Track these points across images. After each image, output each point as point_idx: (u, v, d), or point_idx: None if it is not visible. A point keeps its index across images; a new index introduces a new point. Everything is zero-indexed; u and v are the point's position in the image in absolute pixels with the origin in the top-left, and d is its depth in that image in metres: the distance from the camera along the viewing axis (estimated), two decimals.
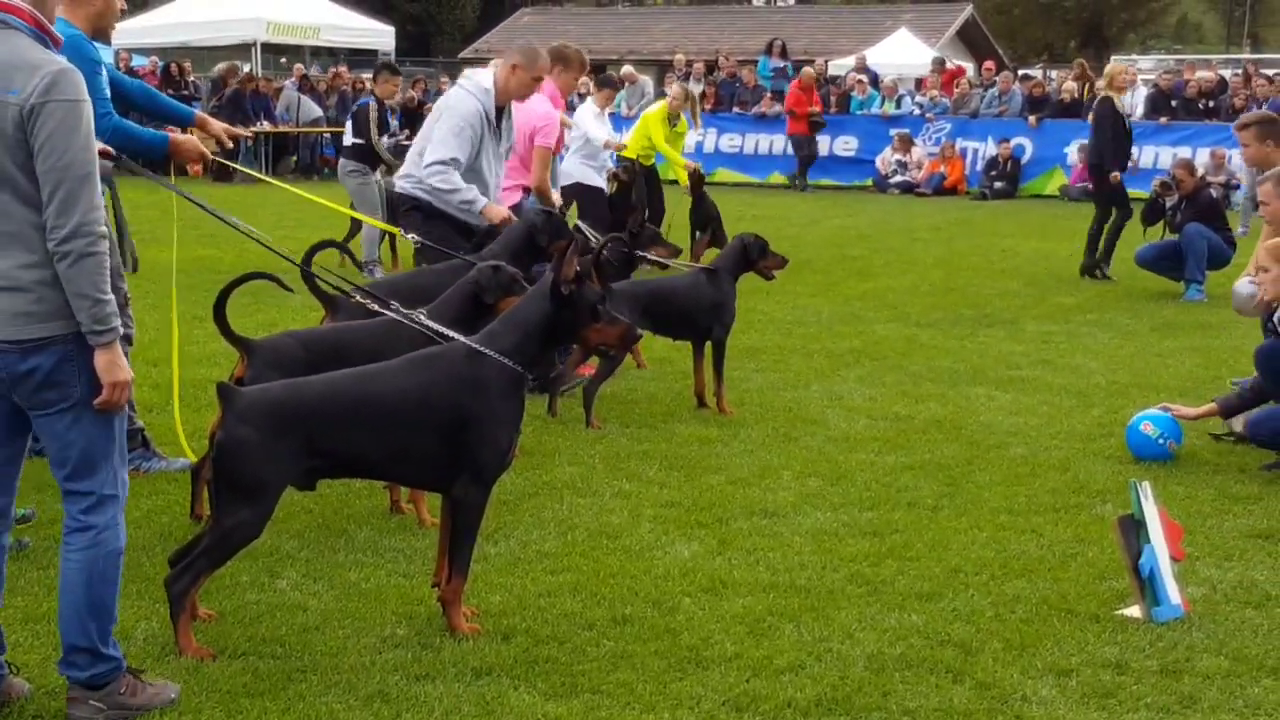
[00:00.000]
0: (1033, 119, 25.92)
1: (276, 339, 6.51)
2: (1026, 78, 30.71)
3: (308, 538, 6.24)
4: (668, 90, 18.21)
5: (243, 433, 4.80)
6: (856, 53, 32.93)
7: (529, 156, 9.72)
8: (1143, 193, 18.36)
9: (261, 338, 6.54)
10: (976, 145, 26.50)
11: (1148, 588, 5.41)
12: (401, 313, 6.05)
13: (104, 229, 4.10)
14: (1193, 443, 7.87)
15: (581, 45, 15.54)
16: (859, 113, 27.69)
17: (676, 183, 16.09)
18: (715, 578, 5.80)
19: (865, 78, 28.60)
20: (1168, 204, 14.18)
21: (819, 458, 7.70)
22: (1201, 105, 25.52)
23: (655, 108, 15.57)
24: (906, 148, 26.56)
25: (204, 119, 7.32)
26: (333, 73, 32.57)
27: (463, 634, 5.10)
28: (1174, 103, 25.55)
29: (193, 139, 6.84)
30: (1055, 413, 8.82)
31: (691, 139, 26.99)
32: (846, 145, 27.27)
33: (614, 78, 16.30)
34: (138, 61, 31.13)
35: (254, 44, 31.22)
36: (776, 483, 7.22)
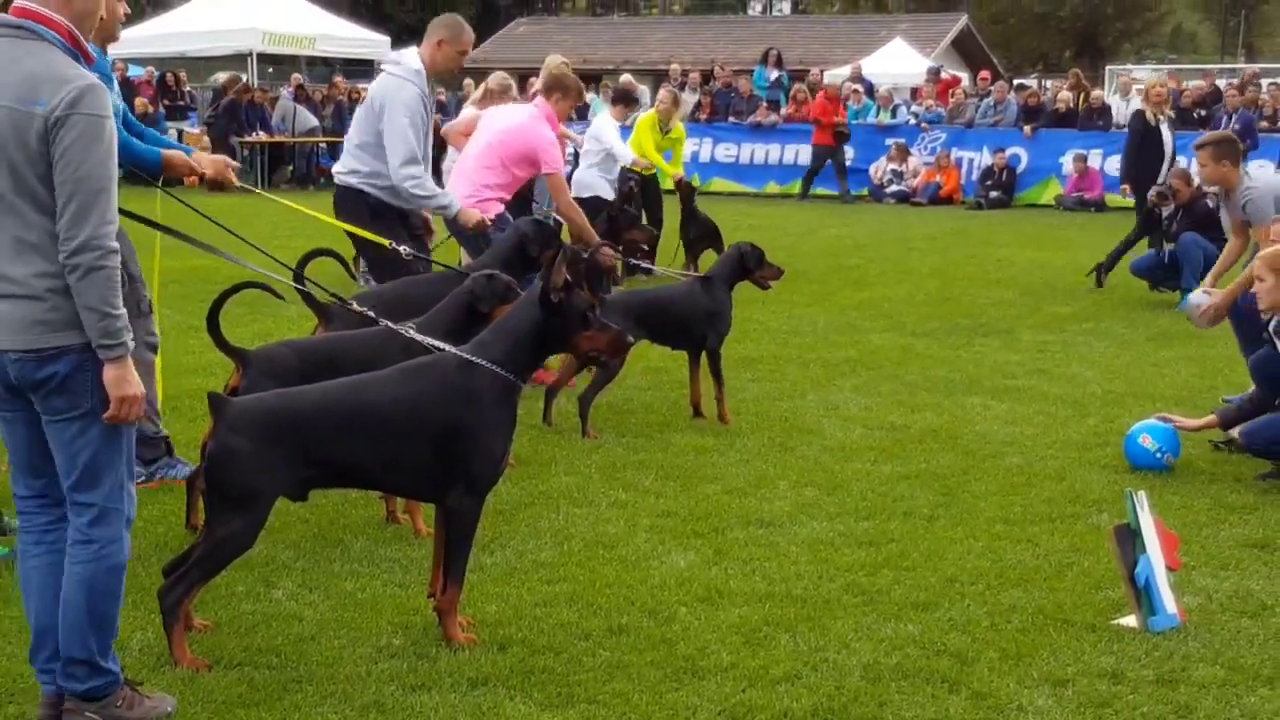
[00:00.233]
0: (1028, 129, 25.93)
1: (271, 348, 6.51)
2: (1022, 87, 30.74)
3: (303, 547, 6.24)
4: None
5: (234, 442, 4.80)
6: (852, 62, 32.92)
7: (513, 167, 9.61)
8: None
9: (256, 347, 6.55)
10: (972, 155, 26.51)
11: (1144, 597, 5.41)
12: (391, 324, 6.04)
13: (115, 244, 4.10)
14: (1189, 452, 7.87)
15: (576, 55, 15.67)
16: (854, 122, 27.67)
17: (672, 192, 16.08)
18: (711, 587, 5.80)
19: (861, 87, 28.59)
20: (1164, 214, 14.18)
21: (815, 467, 7.70)
22: (1196, 115, 25.52)
23: (645, 115, 15.58)
24: (903, 158, 26.58)
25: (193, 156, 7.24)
26: (329, 83, 32.62)
27: (458, 644, 5.10)
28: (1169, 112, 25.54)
29: (182, 156, 6.82)
30: (1051, 422, 8.82)
31: (687, 148, 27.01)
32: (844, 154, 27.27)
33: (632, 92, 16.29)
34: (134, 71, 31.11)
35: (250, 54, 31.21)
36: (772, 492, 7.22)
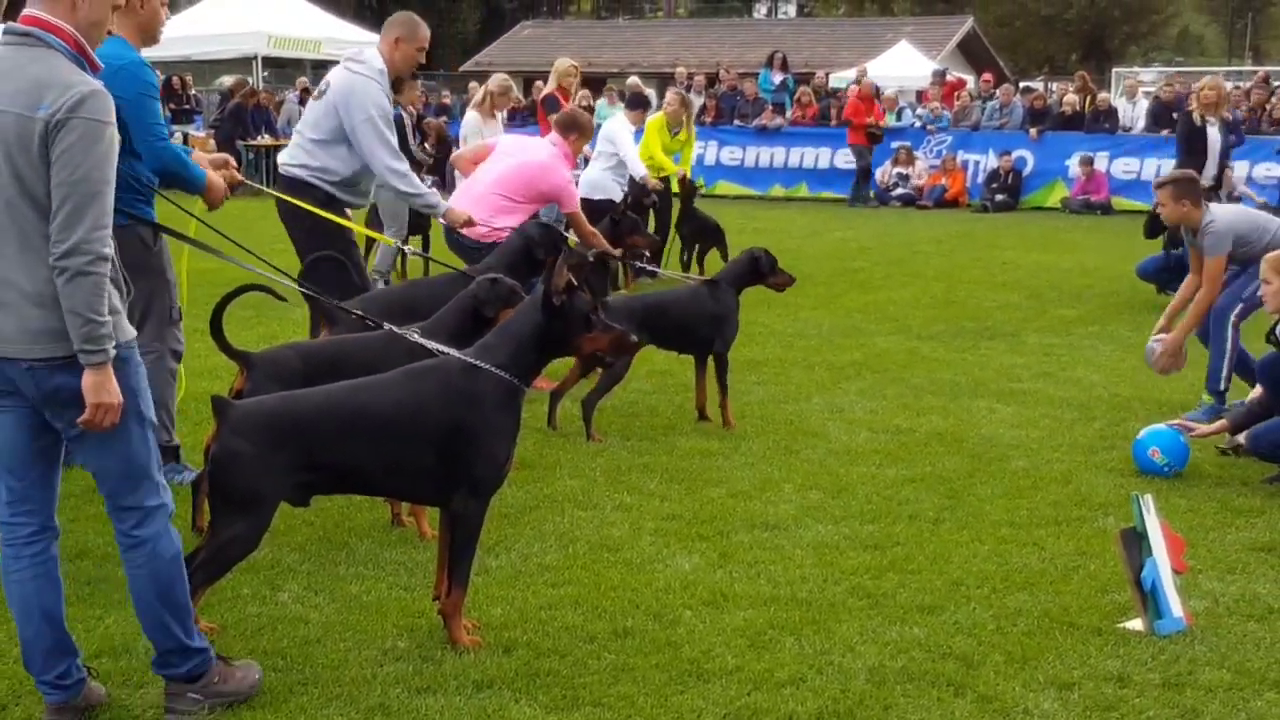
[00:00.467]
0: (1034, 131, 25.89)
1: (275, 351, 6.52)
2: (1028, 90, 30.69)
3: (309, 551, 6.24)
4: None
5: (237, 445, 4.80)
6: (857, 65, 32.92)
7: (530, 203, 9.67)
8: (1145, 205, 18.44)
9: (260, 350, 6.55)
10: (978, 158, 26.46)
11: (1150, 601, 5.40)
12: (395, 328, 6.04)
13: (107, 250, 4.10)
14: (1195, 456, 7.84)
15: (581, 58, 15.64)
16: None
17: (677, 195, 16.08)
18: (716, 591, 5.79)
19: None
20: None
21: (820, 471, 7.69)
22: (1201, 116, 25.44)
23: (654, 118, 15.58)
24: (909, 161, 26.56)
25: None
26: None
27: (464, 647, 5.10)
28: (1175, 115, 25.49)
29: (222, 184, 6.87)
30: (1057, 425, 8.81)
31: (692, 150, 26.95)
32: (848, 158, 27.23)
33: (644, 97, 16.33)
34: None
35: (255, 57, 31.25)
36: (778, 496, 7.21)
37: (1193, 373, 10.32)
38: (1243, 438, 7.85)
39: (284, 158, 8.47)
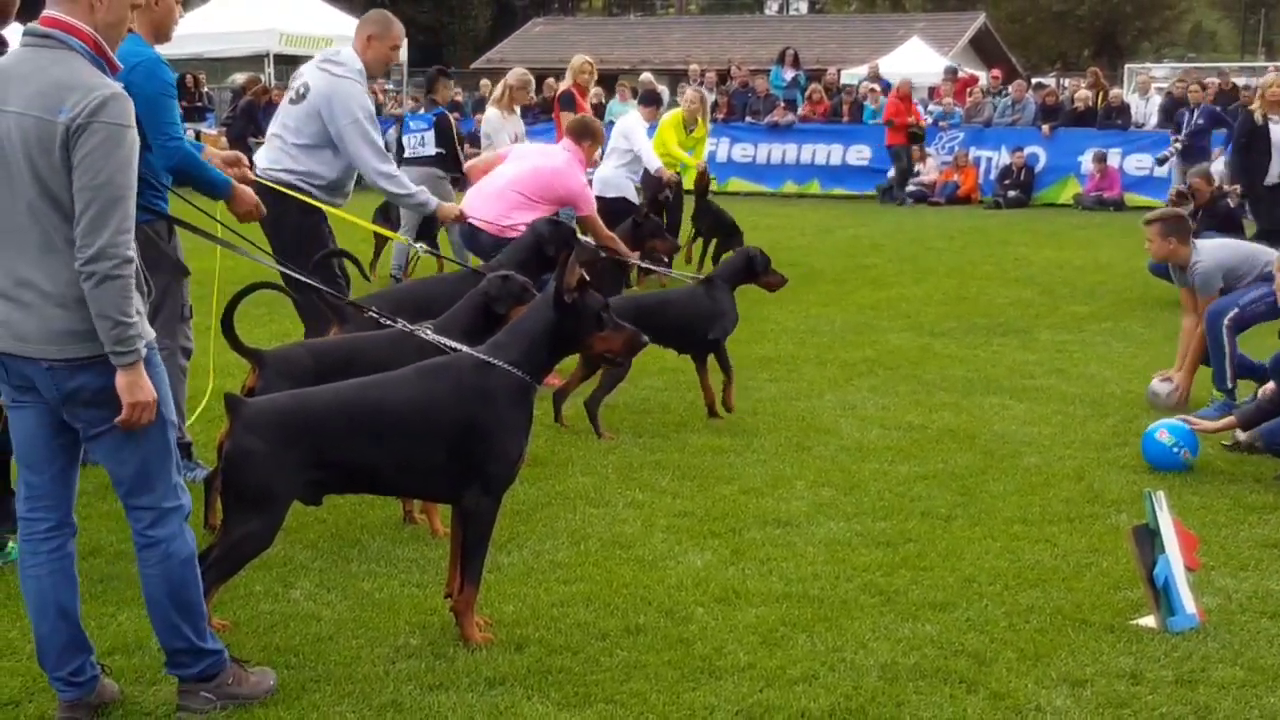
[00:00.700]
0: (1046, 128, 25.83)
1: (287, 349, 6.53)
2: (1040, 86, 30.62)
3: (321, 548, 6.25)
4: (679, 99, 18.20)
5: (250, 443, 4.80)
6: (869, 62, 32.88)
7: (546, 204, 9.59)
8: (1158, 201, 18.40)
9: (272, 348, 6.56)
10: (990, 154, 26.40)
11: (1163, 598, 5.39)
12: (406, 325, 6.04)
13: (131, 253, 4.12)
14: (1207, 452, 7.84)
15: (593, 55, 15.61)
16: (872, 122, 27.63)
17: (690, 191, 16.07)
18: (728, 588, 5.79)
19: (878, 87, 28.55)
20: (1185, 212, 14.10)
21: (832, 467, 7.69)
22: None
23: (669, 114, 15.57)
24: (920, 158, 26.50)
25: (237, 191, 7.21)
26: None
27: (476, 644, 5.10)
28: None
29: (252, 195, 6.85)
30: (1069, 422, 8.80)
31: (705, 147, 26.88)
32: (860, 154, 27.22)
33: (658, 94, 16.34)
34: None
35: (267, 55, 31.27)
36: (790, 492, 7.21)
37: (1206, 370, 10.32)
38: (1244, 434, 7.85)
39: (264, 162, 8.21)
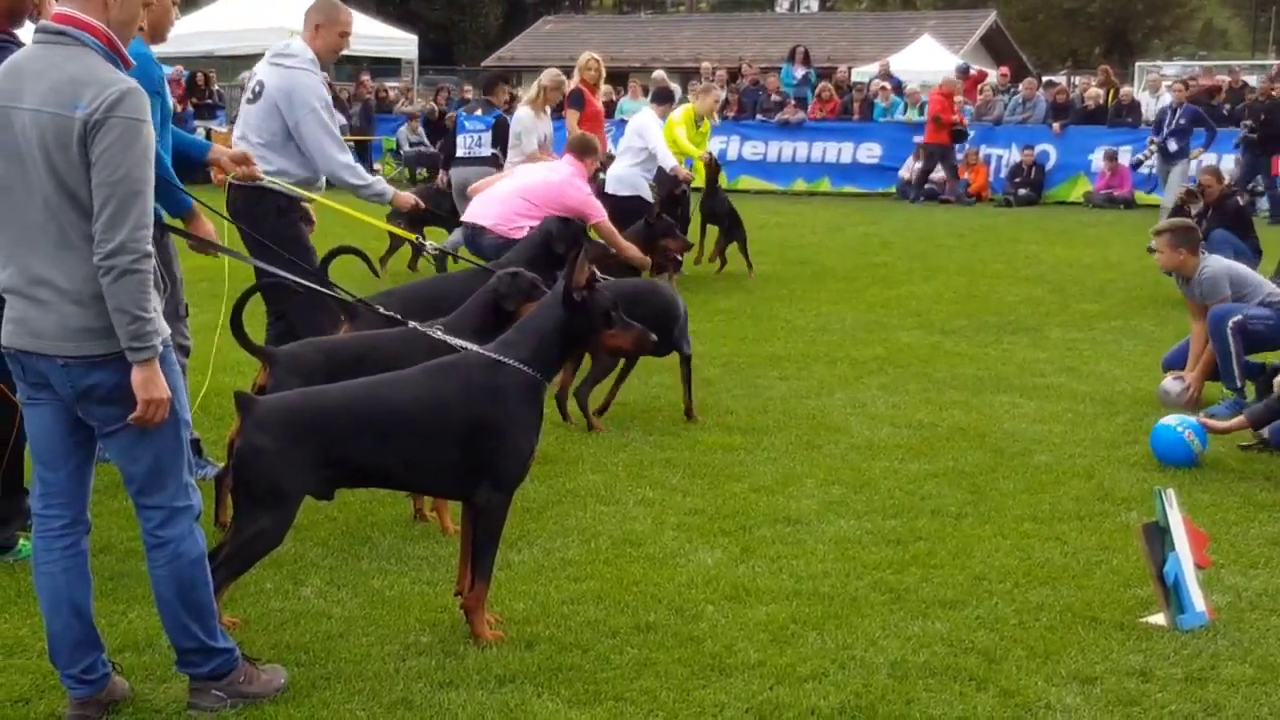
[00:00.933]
0: (1057, 126, 25.80)
1: (298, 347, 6.52)
2: (1051, 84, 30.58)
3: (331, 545, 6.26)
4: (690, 97, 18.19)
5: (260, 441, 4.81)
6: (880, 60, 32.86)
7: (547, 207, 9.54)
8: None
9: (283, 346, 6.57)
10: (1000, 152, 26.36)
11: (1172, 595, 5.39)
12: (414, 324, 6.03)
13: (150, 248, 4.13)
14: (1218, 450, 7.84)
15: (604, 53, 15.64)
16: (882, 120, 27.61)
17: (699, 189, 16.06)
18: (738, 585, 5.80)
19: (889, 85, 28.52)
20: (1193, 212, 14.11)
21: (842, 465, 7.69)
22: (1225, 111, 25.35)
23: (680, 111, 15.55)
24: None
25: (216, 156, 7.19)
26: (356, 82, 32.76)
27: (486, 641, 5.11)
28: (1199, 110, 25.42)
29: (210, 228, 6.71)
30: (1079, 420, 8.79)
31: (715, 145, 26.88)
32: (870, 152, 27.20)
33: (670, 91, 16.37)
34: (163, 70, 31.22)
35: None
36: (800, 490, 7.22)
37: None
38: (1267, 433, 7.84)
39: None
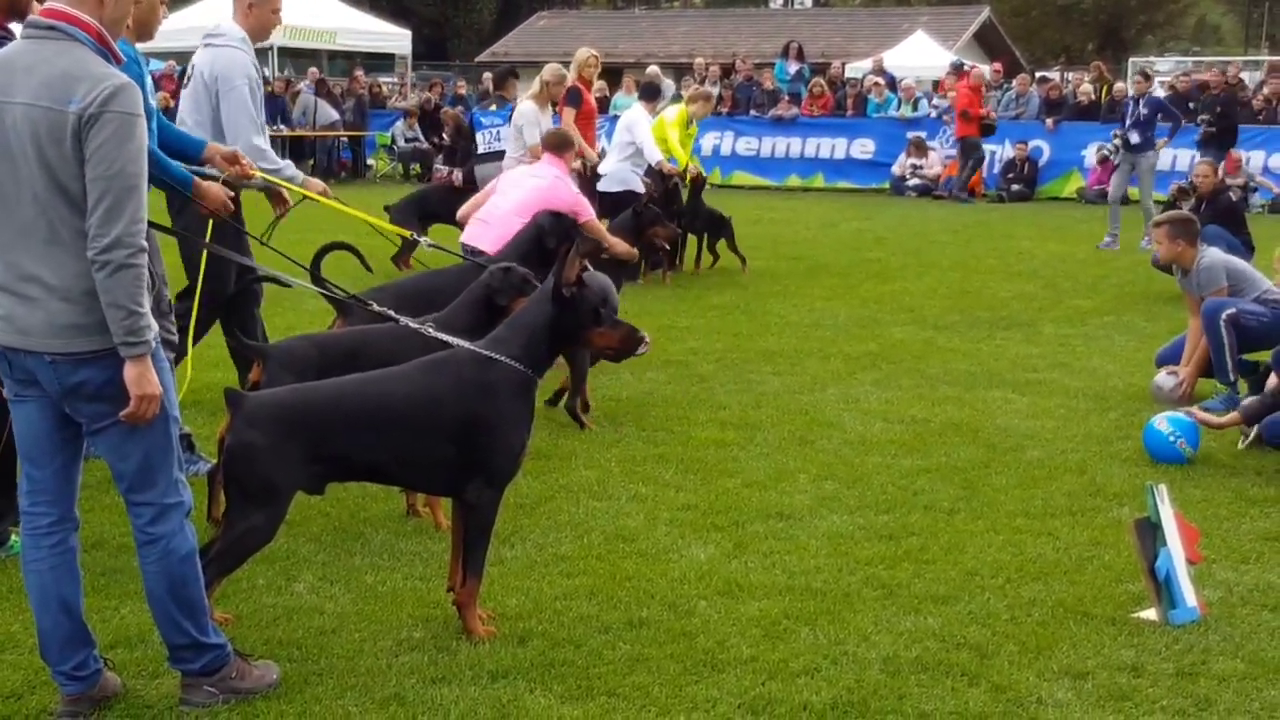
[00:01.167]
0: (1050, 121, 25.84)
1: (291, 342, 6.53)
2: (1044, 80, 30.61)
3: (324, 541, 6.26)
4: (683, 93, 18.19)
5: (250, 437, 4.81)
6: (873, 55, 32.85)
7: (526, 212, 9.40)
8: (1160, 195, 18.34)
9: (276, 341, 6.56)
10: (994, 148, 26.38)
11: (1164, 591, 5.40)
12: (405, 319, 6.02)
13: (144, 243, 4.12)
14: (1209, 445, 7.85)
15: (598, 48, 15.59)
16: (876, 115, 27.62)
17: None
18: (731, 581, 5.80)
19: (882, 80, 28.53)
20: (1186, 208, 14.11)
21: (835, 461, 7.70)
22: (1216, 108, 25.34)
23: (674, 113, 15.52)
24: (922, 153, 26.46)
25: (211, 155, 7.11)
26: (350, 77, 32.77)
27: (479, 637, 5.11)
28: (1191, 105, 25.44)
29: (218, 190, 6.65)
30: (1072, 416, 8.80)
31: (709, 142, 26.85)
32: (864, 148, 27.22)
33: (657, 86, 16.38)
34: (155, 65, 31.16)
35: (271, 48, 31.26)
36: (793, 486, 7.22)
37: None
38: (1258, 429, 7.86)
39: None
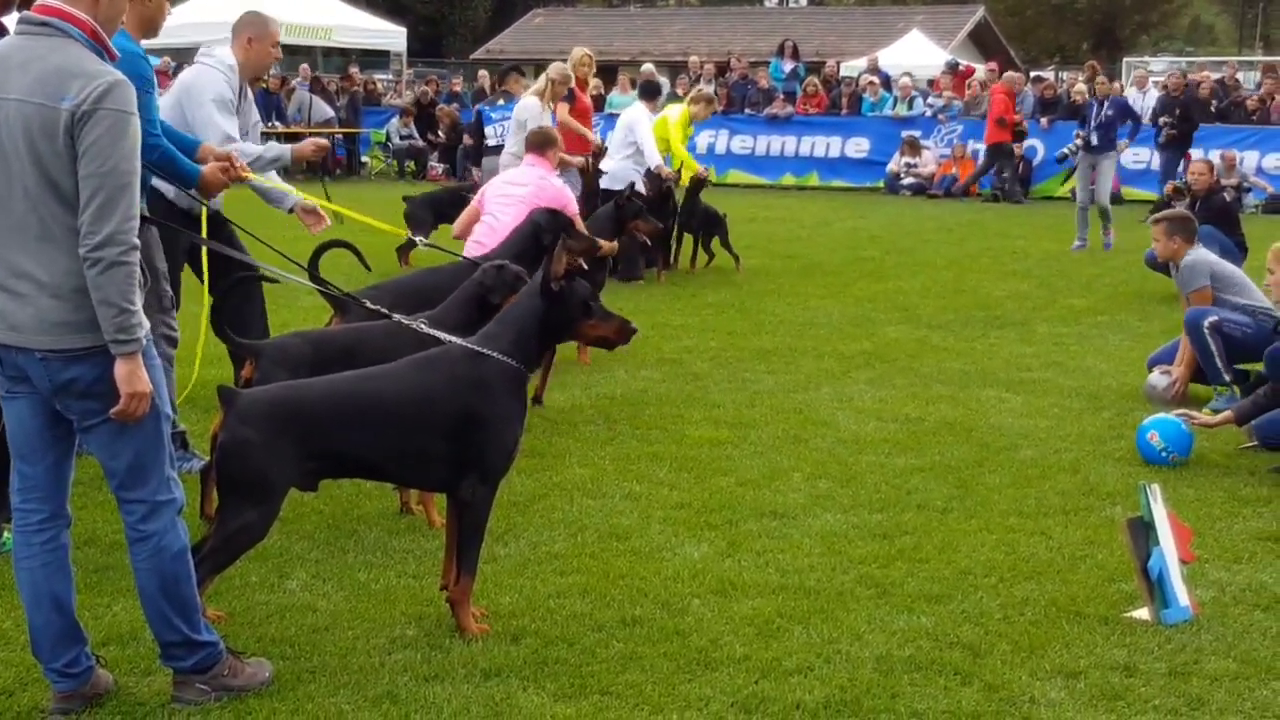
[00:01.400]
0: (1044, 120, 25.82)
1: (284, 339, 6.53)
2: (1038, 79, 30.61)
3: (317, 539, 6.26)
4: (679, 91, 18.18)
5: (243, 434, 4.80)
6: (868, 54, 32.86)
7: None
8: (1154, 195, 18.39)
9: (269, 338, 6.56)
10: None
11: (1157, 590, 5.41)
12: (399, 317, 6.01)
13: (137, 241, 4.12)
14: (1202, 445, 7.85)
15: (593, 47, 15.62)
16: (871, 114, 27.61)
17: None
18: (724, 579, 5.80)
19: (877, 79, 28.53)
20: (1180, 207, 14.12)
21: (829, 460, 7.70)
22: (1213, 108, 25.39)
23: (676, 114, 15.48)
24: (915, 151, 26.45)
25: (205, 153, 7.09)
26: (343, 74, 32.76)
27: (472, 635, 5.11)
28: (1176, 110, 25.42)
29: (218, 174, 6.69)
30: (1066, 415, 8.81)
31: (704, 140, 26.85)
32: (858, 147, 27.22)
33: (657, 85, 16.37)
34: (151, 61, 31.18)
35: None
36: (786, 485, 7.22)
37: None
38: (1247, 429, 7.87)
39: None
